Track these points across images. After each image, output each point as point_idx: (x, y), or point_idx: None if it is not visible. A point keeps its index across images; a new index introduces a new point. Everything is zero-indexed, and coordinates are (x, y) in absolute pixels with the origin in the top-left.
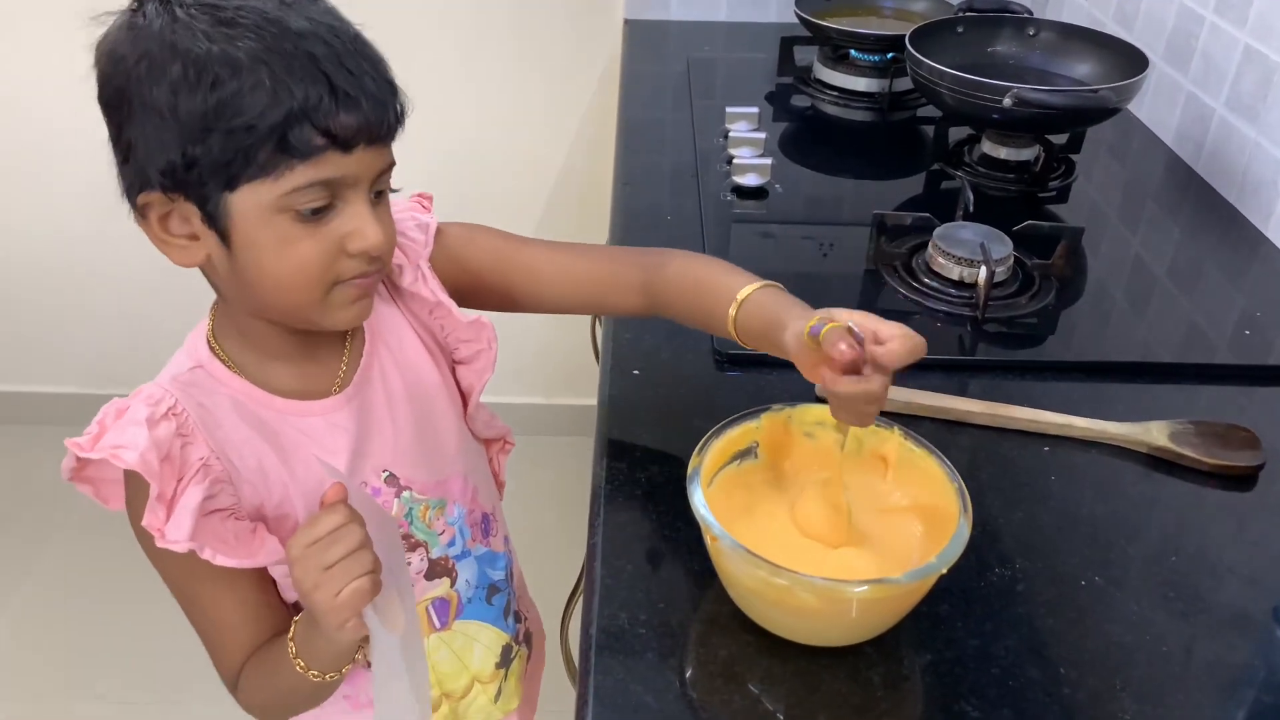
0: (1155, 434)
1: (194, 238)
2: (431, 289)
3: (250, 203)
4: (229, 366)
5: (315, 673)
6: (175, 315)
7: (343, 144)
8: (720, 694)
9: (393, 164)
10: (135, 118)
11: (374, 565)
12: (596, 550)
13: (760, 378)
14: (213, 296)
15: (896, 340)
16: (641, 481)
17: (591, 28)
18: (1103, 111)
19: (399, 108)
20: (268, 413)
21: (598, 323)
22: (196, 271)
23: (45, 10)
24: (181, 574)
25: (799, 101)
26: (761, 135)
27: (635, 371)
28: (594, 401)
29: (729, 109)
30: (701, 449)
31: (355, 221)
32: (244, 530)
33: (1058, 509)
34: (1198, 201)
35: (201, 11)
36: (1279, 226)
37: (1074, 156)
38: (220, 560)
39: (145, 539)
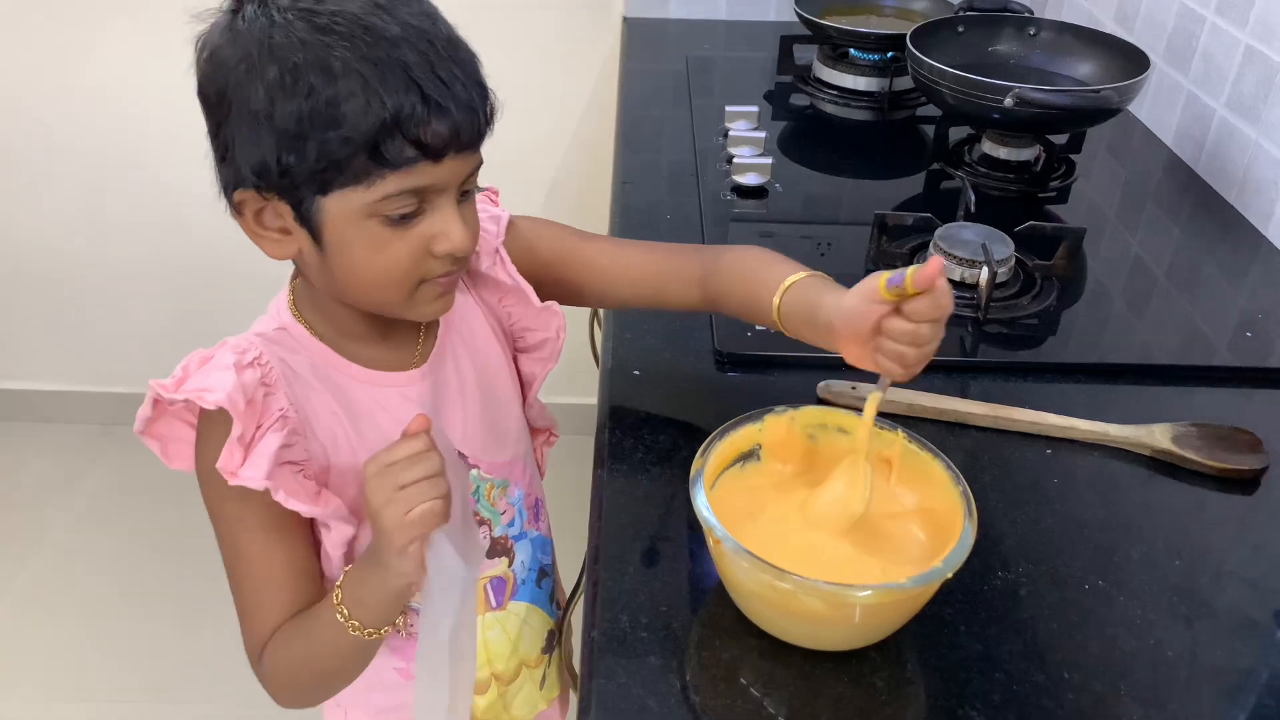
0: (1158, 436)
1: (286, 232)
2: (509, 273)
3: (342, 207)
4: (311, 332)
5: (357, 624)
6: (167, 313)
7: (433, 154)
8: (722, 698)
9: (480, 164)
10: (233, 118)
11: (446, 493)
12: (598, 552)
13: (762, 379)
14: (210, 292)
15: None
16: (643, 483)
17: (590, 25)
18: (1104, 112)
19: (489, 110)
20: (344, 379)
21: (596, 323)
22: (191, 269)
23: (44, 7)
24: (236, 523)
25: (798, 100)
26: (761, 134)
27: (636, 372)
28: (594, 400)
29: (728, 108)
30: (704, 451)
31: (442, 224)
32: (310, 489)
33: (1060, 512)
34: (1198, 202)
35: (298, 16)
36: None
37: (1074, 156)
38: (291, 504)
39: (212, 483)
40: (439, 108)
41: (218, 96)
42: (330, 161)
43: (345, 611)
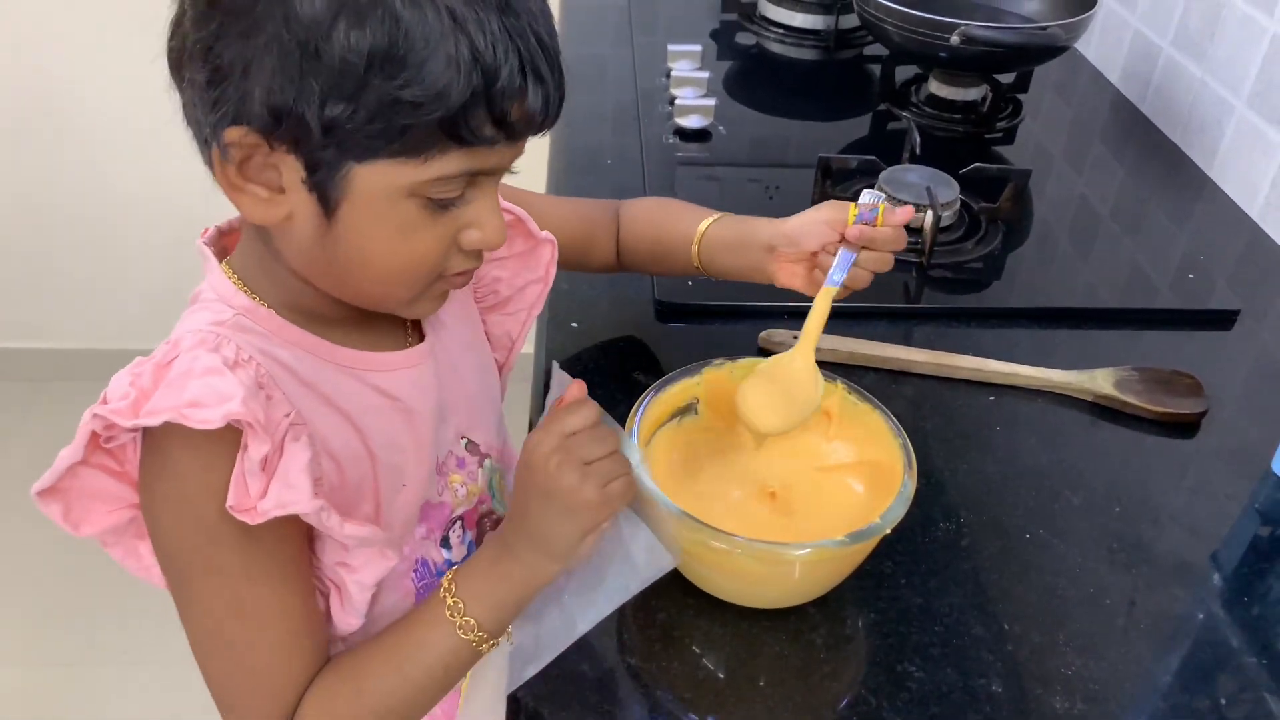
0: (1100, 382)
1: (279, 191)
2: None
3: (381, 181)
4: (279, 315)
5: (481, 634)
6: (98, 264)
7: (515, 134)
8: (659, 659)
9: None
10: (262, 32)
11: (630, 469)
12: None
13: (703, 329)
14: (140, 240)
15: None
16: None
17: None
18: (1051, 49)
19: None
20: (335, 370)
21: None
22: (117, 217)
23: None
24: (237, 576)
25: (744, 39)
26: (705, 74)
27: (574, 324)
28: (530, 351)
29: (671, 47)
30: (639, 407)
31: (480, 214)
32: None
33: (1003, 459)
34: (1143, 142)
35: None
36: (1223, 167)
37: (1021, 97)
38: (348, 529)
39: (189, 530)
40: (537, 79)
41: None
42: (389, 126)
43: (471, 620)
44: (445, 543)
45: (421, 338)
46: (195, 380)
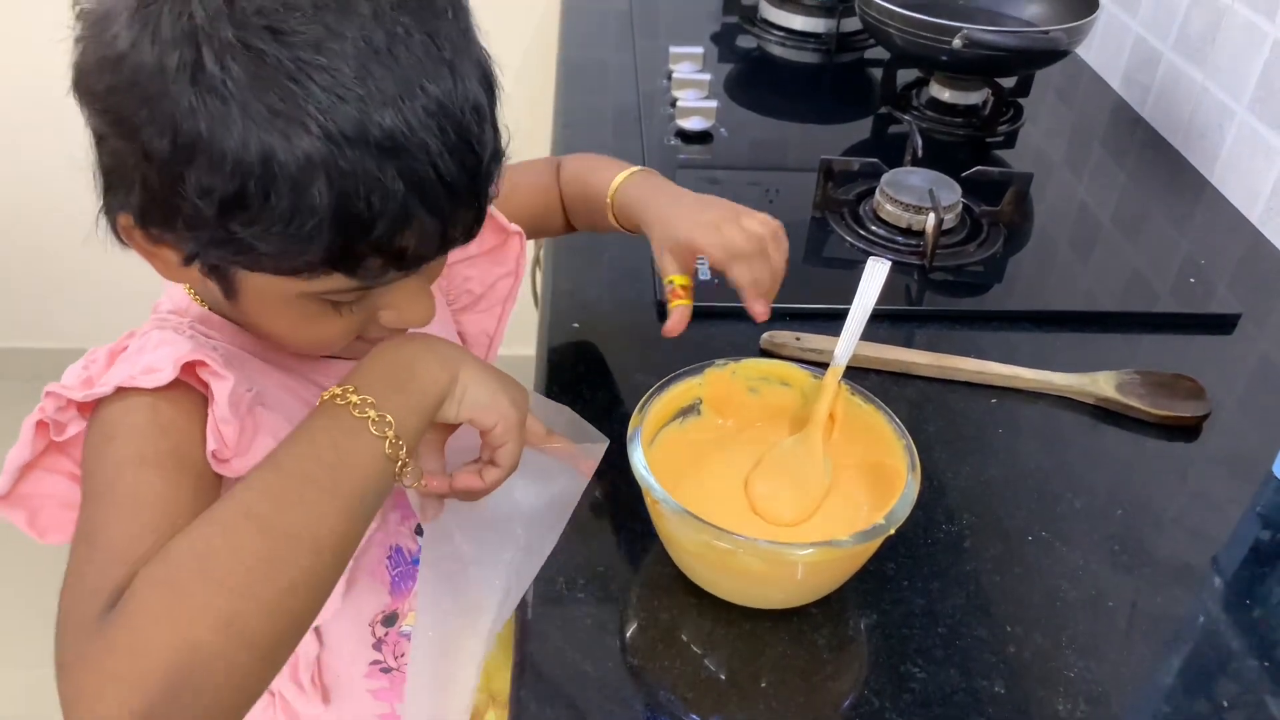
0: (1102, 384)
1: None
2: None
3: (269, 286)
4: (233, 321)
5: (390, 417)
6: (99, 261)
7: (411, 265)
8: (661, 659)
9: None
10: (135, 150)
11: None
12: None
13: (704, 329)
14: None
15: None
16: None
17: None
18: (1053, 54)
19: (491, 195)
20: (290, 375)
21: (537, 268)
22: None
23: None
24: (127, 461)
25: (745, 42)
26: (706, 77)
27: (575, 325)
28: (530, 352)
29: (673, 49)
30: (642, 407)
31: (399, 300)
32: None
33: (1005, 462)
34: (1144, 147)
35: (255, 37)
36: (1223, 172)
37: (1022, 101)
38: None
39: (100, 431)
40: (436, 214)
41: (119, 107)
42: (256, 262)
43: (369, 399)
44: (420, 530)
45: None
46: (149, 354)
